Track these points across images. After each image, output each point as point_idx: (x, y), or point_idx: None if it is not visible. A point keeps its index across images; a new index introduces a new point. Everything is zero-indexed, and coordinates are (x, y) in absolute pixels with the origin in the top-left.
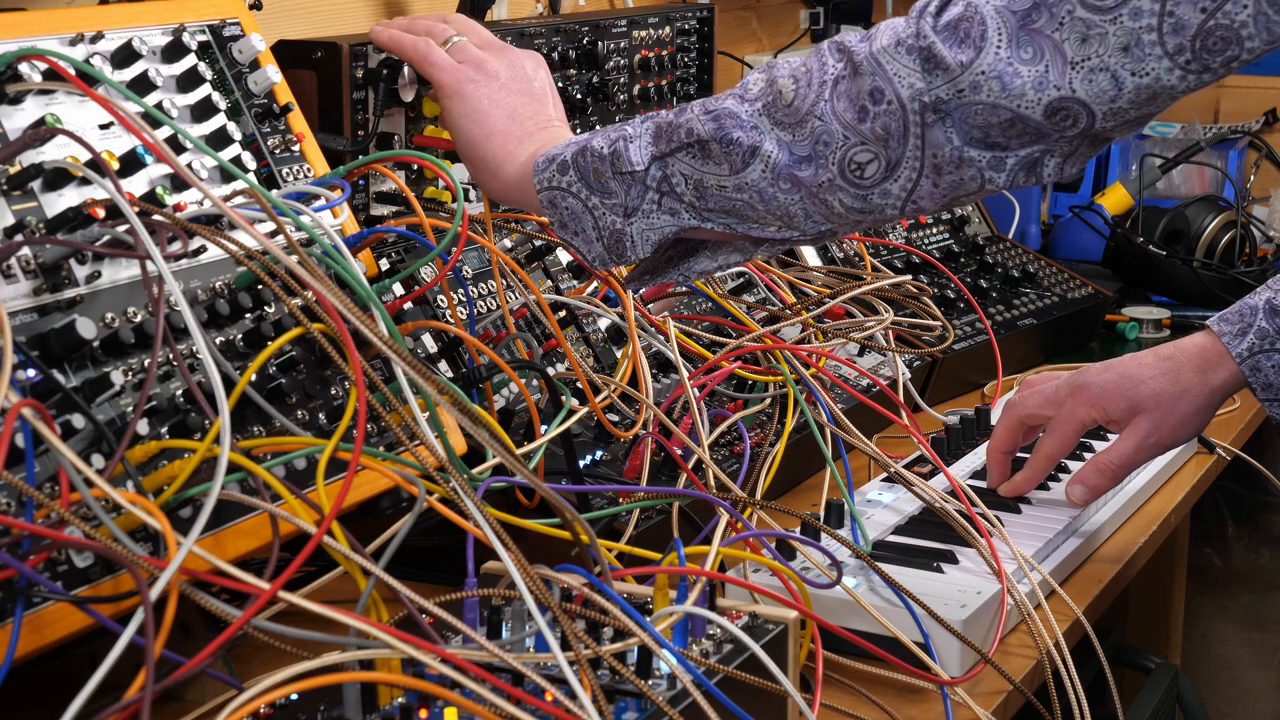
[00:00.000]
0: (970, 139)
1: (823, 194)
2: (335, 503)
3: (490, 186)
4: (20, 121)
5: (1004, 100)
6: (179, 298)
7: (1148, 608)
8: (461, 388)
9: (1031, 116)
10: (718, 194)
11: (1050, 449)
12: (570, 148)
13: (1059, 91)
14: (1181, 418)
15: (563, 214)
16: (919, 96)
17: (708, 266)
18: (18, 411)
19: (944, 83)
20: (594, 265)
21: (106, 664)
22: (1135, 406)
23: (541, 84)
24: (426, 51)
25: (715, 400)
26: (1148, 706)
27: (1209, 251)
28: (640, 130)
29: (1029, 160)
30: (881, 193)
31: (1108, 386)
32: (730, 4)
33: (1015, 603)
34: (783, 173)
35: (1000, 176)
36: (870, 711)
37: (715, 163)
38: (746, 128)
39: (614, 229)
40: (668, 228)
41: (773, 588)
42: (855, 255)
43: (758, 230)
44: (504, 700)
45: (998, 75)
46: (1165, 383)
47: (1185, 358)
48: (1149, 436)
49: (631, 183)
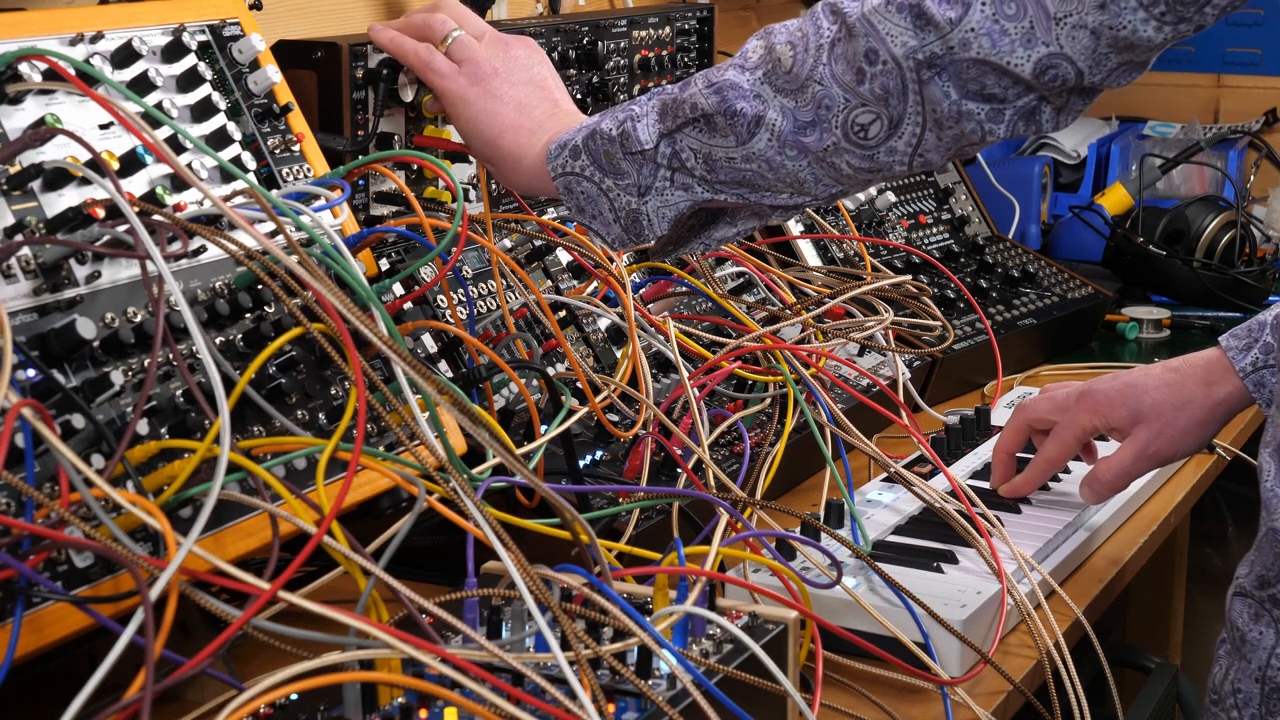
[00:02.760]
0: (967, 92)
1: (829, 157)
2: (335, 503)
3: (513, 181)
4: (20, 121)
5: (994, 57)
6: (179, 298)
7: (1148, 608)
8: (461, 388)
9: (1021, 74)
10: (727, 166)
11: (1050, 454)
12: (580, 132)
13: (1047, 48)
14: (1182, 429)
15: (579, 199)
16: (913, 54)
17: (727, 233)
18: (18, 411)
19: (935, 39)
20: (613, 247)
21: (106, 664)
22: (1137, 416)
23: (540, 70)
24: (428, 59)
25: (715, 400)
26: (1148, 706)
27: (1209, 251)
28: (647, 109)
29: (1026, 109)
30: (888, 150)
31: (1111, 395)
32: (730, 4)
33: (1015, 603)
34: (788, 140)
35: (1000, 127)
36: (870, 711)
37: (722, 135)
38: (749, 97)
39: (630, 209)
40: (682, 203)
41: (773, 588)
42: (855, 255)
43: (770, 198)
44: (504, 700)
45: (986, 33)
46: (1168, 394)
47: (1191, 370)
48: (1148, 447)
49: (643, 161)
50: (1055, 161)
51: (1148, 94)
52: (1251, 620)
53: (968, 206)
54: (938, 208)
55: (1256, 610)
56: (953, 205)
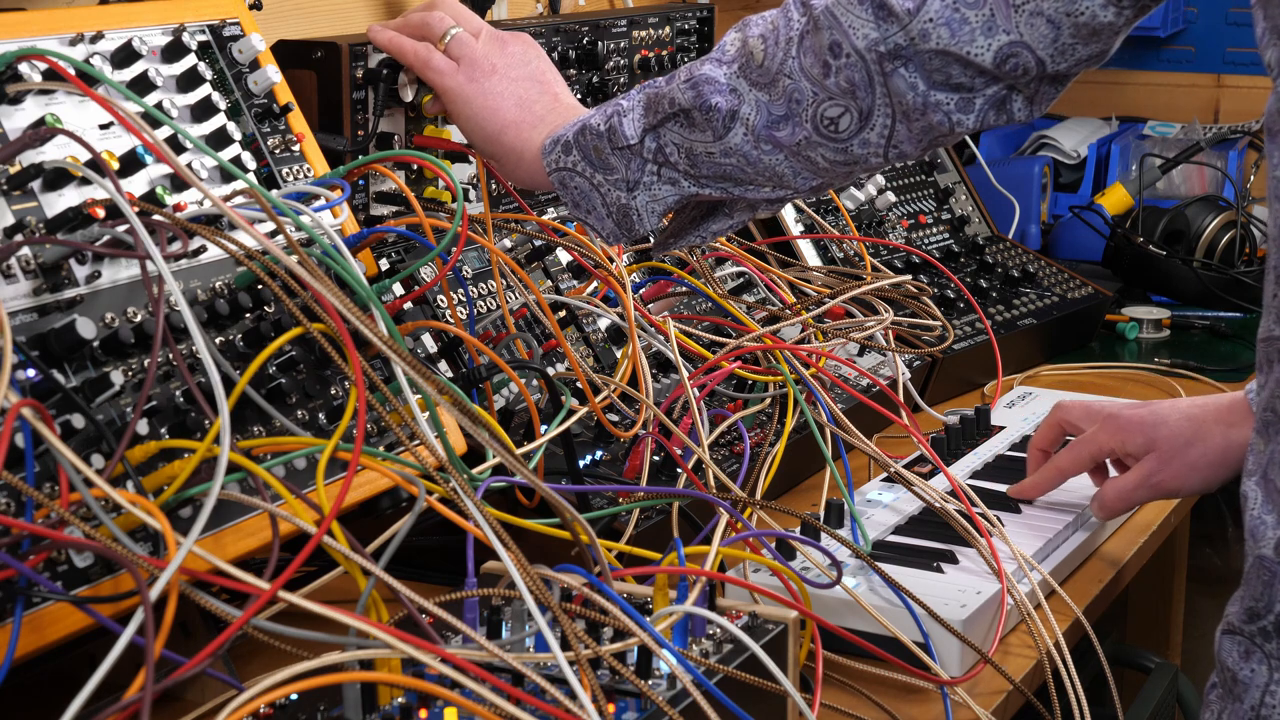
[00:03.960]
0: (934, 83)
1: (804, 151)
2: (335, 503)
3: (515, 177)
4: (20, 121)
5: (954, 47)
6: (179, 298)
7: (1148, 608)
8: (461, 388)
9: (982, 64)
10: (707, 160)
11: (1062, 463)
12: (572, 128)
13: (1008, 35)
14: (1190, 464)
15: (573, 194)
16: (874, 46)
17: (723, 226)
18: (18, 411)
19: (897, 30)
20: (609, 242)
21: (106, 664)
22: (1150, 444)
23: (538, 65)
24: (427, 58)
25: (715, 400)
26: (1148, 706)
27: (1209, 251)
28: (633, 103)
29: (996, 99)
30: (861, 143)
31: (1133, 421)
32: (730, 4)
33: (1015, 603)
34: (762, 135)
35: (969, 118)
36: (870, 711)
37: (700, 130)
38: (725, 91)
39: (620, 204)
40: (670, 197)
41: (773, 588)
42: (855, 255)
43: (753, 192)
44: (504, 700)
45: (945, 22)
46: (1186, 427)
47: (1214, 408)
48: (1152, 475)
49: (630, 156)
50: (1055, 161)
51: (1148, 94)
52: (1242, 659)
53: (968, 206)
54: (938, 208)
55: (1247, 647)
56: (953, 205)
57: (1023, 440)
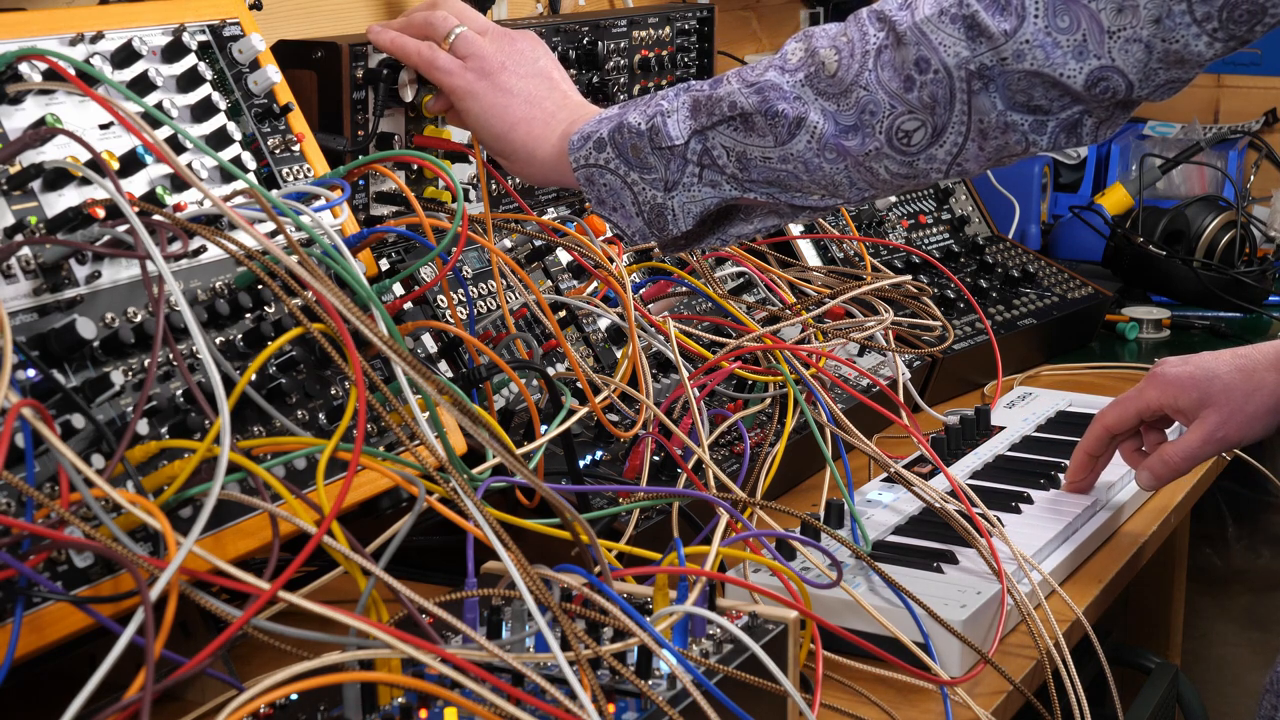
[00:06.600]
0: (1013, 104)
1: (869, 162)
2: (335, 503)
3: (527, 173)
4: (20, 121)
5: (1047, 69)
6: (179, 298)
7: (1148, 608)
8: (461, 388)
9: (1073, 86)
10: (762, 165)
11: (1108, 420)
12: (605, 124)
13: (1099, 61)
14: (1251, 415)
15: (600, 190)
16: (965, 64)
17: (744, 230)
18: (18, 411)
19: (988, 50)
20: (634, 240)
21: (106, 664)
22: (1205, 400)
23: (545, 62)
24: (432, 57)
25: (715, 400)
26: (1148, 706)
27: (1209, 251)
28: (677, 104)
29: (1069, 122)
30: (927, 158)
31: (1182, 377)
32: (730, 4)
33: (1015, 603)
34: (829, 143)
35: (1043, 139)
36: (870, 711)
37: (759, 135)
38: (790, 99)
39: (654, 203)
40: (709, 199)
41: (773, 588)
42: (855, 255)
43: (801, 199)
44: (504, 700)
45: (1040, 44)
46: (1239, 378)
47: (1262, 356)
48: (1216, 431)
49: (671, 157)
50: (1055, 161)
51: None
52: None
53: (968, 206)
54: (938, 208)
55: None
56: (953, 205)
57: (1023, 440)
